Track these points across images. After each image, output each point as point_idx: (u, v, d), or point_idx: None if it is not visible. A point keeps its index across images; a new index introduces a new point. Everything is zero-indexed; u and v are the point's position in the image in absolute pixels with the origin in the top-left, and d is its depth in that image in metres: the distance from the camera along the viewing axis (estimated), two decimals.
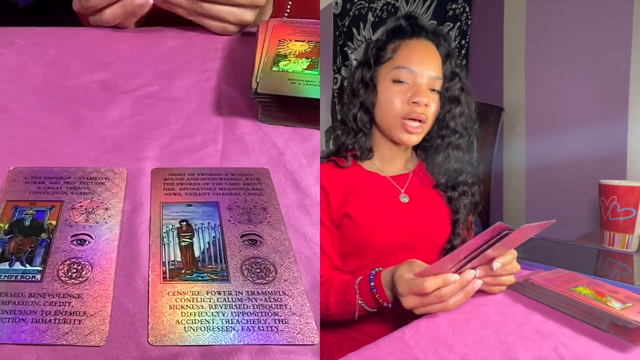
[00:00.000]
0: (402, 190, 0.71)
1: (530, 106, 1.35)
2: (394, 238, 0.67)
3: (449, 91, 0.67)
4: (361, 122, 0.70)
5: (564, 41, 1.25)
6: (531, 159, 1.35)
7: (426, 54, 0.67)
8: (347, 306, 0.60)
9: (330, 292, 0.61)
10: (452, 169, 0.70)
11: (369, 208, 0.68)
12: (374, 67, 0.70)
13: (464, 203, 0.70)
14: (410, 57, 0.67)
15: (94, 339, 0.41)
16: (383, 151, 0.73)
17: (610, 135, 1.14)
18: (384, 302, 0.56)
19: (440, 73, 0.67)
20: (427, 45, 0.68)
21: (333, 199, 0.67)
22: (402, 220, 0.68)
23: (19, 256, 0.48)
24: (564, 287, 0.55)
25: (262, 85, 0.65)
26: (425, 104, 0.66)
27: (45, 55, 0.78)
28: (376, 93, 0.69)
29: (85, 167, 0.59)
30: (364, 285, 0.58)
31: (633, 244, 0.83)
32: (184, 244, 0.51)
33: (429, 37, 0.68)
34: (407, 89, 0.66)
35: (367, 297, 0.58)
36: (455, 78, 0.68)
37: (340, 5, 2.09)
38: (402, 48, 0.68)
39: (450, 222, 0.71)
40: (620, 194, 0.83)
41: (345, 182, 0.69)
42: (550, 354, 0.44)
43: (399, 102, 0.66)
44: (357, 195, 0.68)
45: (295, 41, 0.74)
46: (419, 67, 0.66)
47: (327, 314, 0.61)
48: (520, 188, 1.39)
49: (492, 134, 1.30)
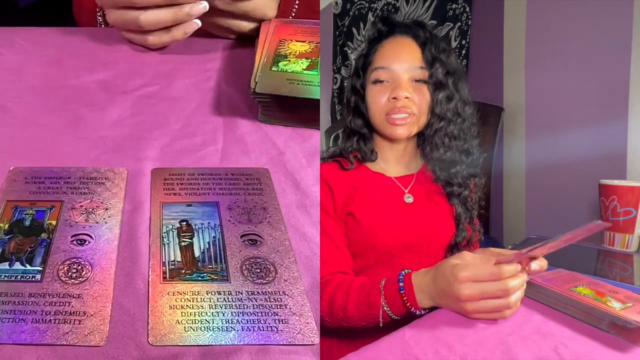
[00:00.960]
0: (406, 190, 0.71)
1: (530, 106, 1.34)
2: (398, 240, 0.67)
3: (432, 77, 0.67)
4: (357, 126, 0.73)
5: (564, 41, 1.25)
6: (531, 159, 1.35)
7: (401, 49, 0.68)
8: (369, 309, 0.56)
9: (350, 292, 0.57)
10: (442, 158, 0.69)
11: (373, 208, 0.68)
12: (362, 75, 0.72)
13: (462, 197, 0.70)
14: (385, 56, 0.68)
15: (94, 339, 0.41)
16: (385, 153, 0.73)
17: (610, 135, 1.14)
18: (412, 306, 0.53)
19: (421, 63, 0.67)
20: (403, 40, 0.69)
21: (338, 197, 0.68)
22: (406, 221, 0.68)
23: (19, 256, 0.48)
24: (564, 287, 0.55)
25: (260, 85, 0.65)
26: (406, 97, 0.66)
27: (45, 55, 0.78)
28: (365, 97, 0.71)
29: (85, 167, 0.59)
30: (391, 286, 0.54)
31: (633, 244, 0.83)
32: (184, 244, 0.51)
33: (404, 32, 0.69)
34: (388, 86, 0.68)
35: (393, 299, 0.54)
36: (436, 63, 0.67)
37: (340, 5, 2.09)
38: (378, 50, 0.70)
39: (454, 221, 0.70)
40: (620, 194, 0.83)
41: (351, 181, 0.70)
42: (550, 354, 0.44)
43: (381, 101, 0.68)
44: (361, 194, 0.69)
45: (296, 41, 0.74)
46: (395, 64, 0.67)
47: (344, 317, 0.58)
48: (520, 188, 1.39)
49: (492, 134, 1.30)
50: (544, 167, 1.30)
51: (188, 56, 0.80)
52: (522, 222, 1.39)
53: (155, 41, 0.76)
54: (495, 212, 1.40)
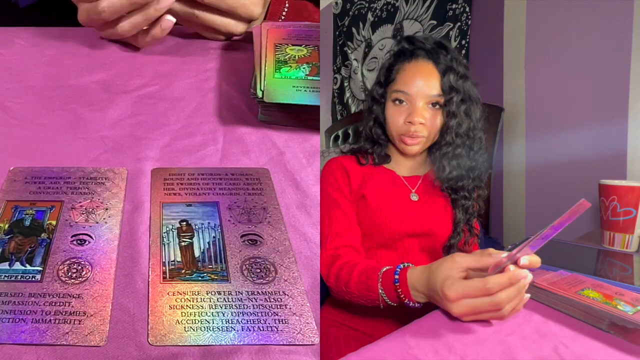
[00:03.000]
0: (413, 190, 0.76)
1: (530, 106, 1.34)
2: (402, 227, 0.72)
3: (447, 105, 0.72)
4: (376, 135, 0.79)
5: (564, 41, 1.25)
6: (531, 159, 1.35)
7: (422, 76, 0.72)
8: (367, 291, 0.60)
9: (354, 271, 0.62)
10: (449, 177, 0.73)
11: (382, 196, 0.73)
12: (384, 87, 0.77)
13: (465, 206, 0.74)
14: (406, 81, 0.72)
15: (94, 339, 0.41)
16: (397, 158, 0.80)
17: (610, 135, 1.14)
18: (406, 298, 0.55)
19: (439, 90, 0.71)
20: (424, 66, 0.72)
21: (354, 181, 0.75)
22: (410, 213, 0.73)
23: (19, 256, 0.48)
24: (571, 290, 0.55)
25: (267, 94, 0.65)
26: (421, 123, 0.71)
27: (45, 55, 0.78)
28: (385, 109, 0.76)
29: (85, 167, 0.59)
30: (388, 276, 0.57)
31: (633, 244, 0.83)
32: (184, 244, 0.51)
33: (427, 57, 0.72)
34: (405, 109, 0.72)
35: (389, 289, 0.57)
36: (452, 92, 0.71)
37: (340, 5, 2.09)
38: (401, 72, 0.74)
39: (452, 223, 0.74)
40: (620, 194, 0.82)
41: (365, 171, 0.77)
42: (550, 354, 0.44)
43: (398, 121, 0.73)
44: (374, 183, 0.74)
45: (292, 45, 0.75)
46: (414, 89, 0.71)
47: (347, 291, 0.63)
48: (520, 188, 1.39)
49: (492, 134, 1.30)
50: (544, 167, 1.30)
51: (188, 56, 0.80)
52: (522, 222, 1.39)
53: (126, 27, 0.76)
54: (495, 212, 1.40)
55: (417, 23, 1.68)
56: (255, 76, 0.68)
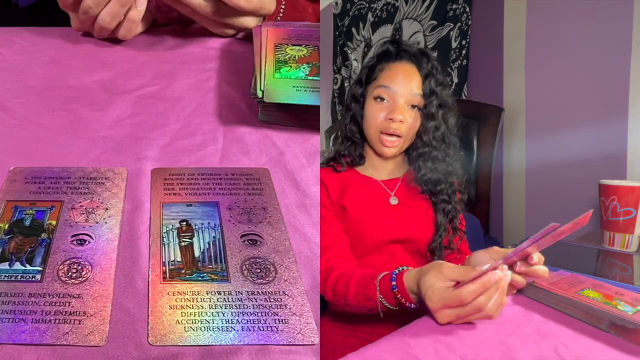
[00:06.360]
0: (392, 193, 0.76)
1: (530, 106, 1.34)
2: (384, 235, 0.72)
3: (426, 108, 0.73)
4: (350, 132, 0.78)
5: (564, 41, 1.25)
6: (531, 159, 1.35)
7: (406, 75, 0.73)
8: (366, 300, 0.59)
9: (350, 282, 0.61)
10: (426, 178, 0.75)
11: (362, 205, 0.73)
12: (364, 85, 0.77)
13: (446, 210, 0.75)
14: (390, 78, 0.73)
15: (94, 339, 0.41)
16: (373, 159, 0.79)
17: (610, 135, 1.14)
18: (406, 302, 0.55)
19: (419, 91, 0.73)
20: (408, 67, 0.74)
21: (332, 192, 0.74)
22: (391, 219, 0.73)
23: (19, 256, 0.48)
24: (571, 290, 0.55)
25: (267, 94, 0.65)
26: (400, 120, 0.72)
27: (45, 55, 0.78)
28: (364, 108, 0.76)
29: (85, 167, 0.59)
30: (385, 283, 0.57)
31: (633, 244, 0.83)
32: (184, 244, 0.51)
33: (411, 60, 0.74)
34: (387, 106, 0.73)
35: (388, 295, 0.57)
36: (432, 96, 0.73)
37: (340, 5, 2.09)
38: (385, 70, 0.75)
39: (434, 227, 0.75)
40: (620, 194, 0.82)
41: (343, 180, 0.76)
42: (550, 354, 0.44)
43: (378, 118, 0.73)
44: (352, 192, 0.74)
45: (292, 45, 0.75)
46: (398, 87, 0.72)
47: (346, 304, 0.62)
48: (520, 188, 1.39)
49: (492, 134, 1.30)
50: (544, 167, 1.30)
51: (188, 56, 0.80)
52: (522, 222, 1.39)
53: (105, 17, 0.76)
54: (495, 212, 1.40)
55: (417, 23, 1.69)
56: (255, 76, 0.68)
